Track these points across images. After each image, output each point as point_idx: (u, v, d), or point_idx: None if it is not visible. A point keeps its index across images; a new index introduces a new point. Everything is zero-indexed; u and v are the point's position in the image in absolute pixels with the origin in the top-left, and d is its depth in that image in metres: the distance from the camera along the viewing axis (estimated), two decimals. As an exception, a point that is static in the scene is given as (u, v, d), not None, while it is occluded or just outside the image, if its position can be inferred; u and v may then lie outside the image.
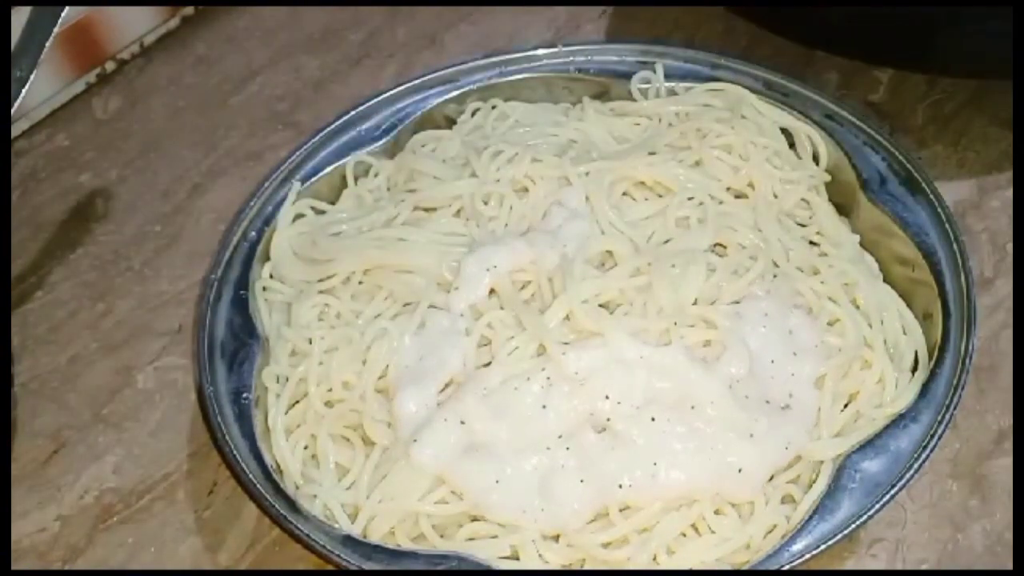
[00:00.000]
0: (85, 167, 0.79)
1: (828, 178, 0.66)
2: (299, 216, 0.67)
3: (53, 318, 0.69)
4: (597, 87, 0.73)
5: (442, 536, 0.53)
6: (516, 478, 0.52)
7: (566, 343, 0.55)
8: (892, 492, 0.52)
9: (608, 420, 0.53)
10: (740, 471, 0.52)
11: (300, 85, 0.84)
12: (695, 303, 0.57)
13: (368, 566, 0.51)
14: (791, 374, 0.56)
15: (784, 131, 0.68)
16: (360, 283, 0.62)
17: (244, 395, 0.58)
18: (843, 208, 0.65)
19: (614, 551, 0.52)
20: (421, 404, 0.55)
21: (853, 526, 0.51)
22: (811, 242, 0.63)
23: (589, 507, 0.52)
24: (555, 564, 0.52)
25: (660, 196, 0.64)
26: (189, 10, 0.89)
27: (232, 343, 0.60)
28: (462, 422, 0.53)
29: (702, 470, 0.52)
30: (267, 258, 0.65)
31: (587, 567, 0.53)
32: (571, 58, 0.73)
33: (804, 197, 0.65)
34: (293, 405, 0.58)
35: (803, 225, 0.64)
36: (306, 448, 0.57)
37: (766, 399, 0.55)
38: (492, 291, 0.59)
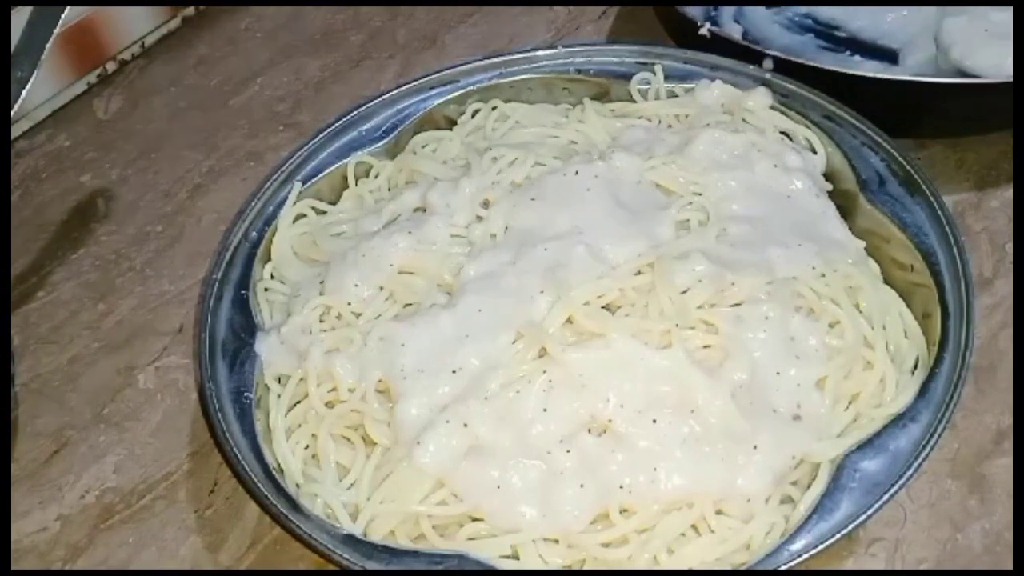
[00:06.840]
0: (86, 167, 0.79)
1: (829, 187, 0.66)
2: (300, 216, 0.67)
3: (54, 318, 0.69)
4: (597, 88, 0.73)
5: (442, 535, 0.53)
6: (517, 482, 0.52)
7: (567, 344, 0.55)
8: (891, 492, 0.52)
9: (609, 422, 0.53)
10: (748, 500, 0.52)
11: (301, 86, 0.84)
12: (700, 307, 0.57)
13: (369, 565, 0.51)
14: (797, 384, 0.55)
15: (783, 132, 0.68)
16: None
17: (245, 395, 0.58)
18: (843, 209, 0.65)
19: (614, 551, 0.52)
20: (422, 406, 0.55)
21: (852, 525, 0.51)
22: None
23: (589, 511, 0.52)
24: (555, 564, 0.52)
25: (660, 198, 0.64)
26: (190, 10, 0.89)
27: (233, 343, 0.61)
28: (464, 425, 0.53)
29: (704, 479, 0.52)
30: (268, 258, 0.66)
31: (587, 567, 0.53)
32: (571, 59, 0.74)
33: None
34: (294, 405, 0.58)
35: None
36: (307, 448, 0.57)
37: (773, 408, 0.54)
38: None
